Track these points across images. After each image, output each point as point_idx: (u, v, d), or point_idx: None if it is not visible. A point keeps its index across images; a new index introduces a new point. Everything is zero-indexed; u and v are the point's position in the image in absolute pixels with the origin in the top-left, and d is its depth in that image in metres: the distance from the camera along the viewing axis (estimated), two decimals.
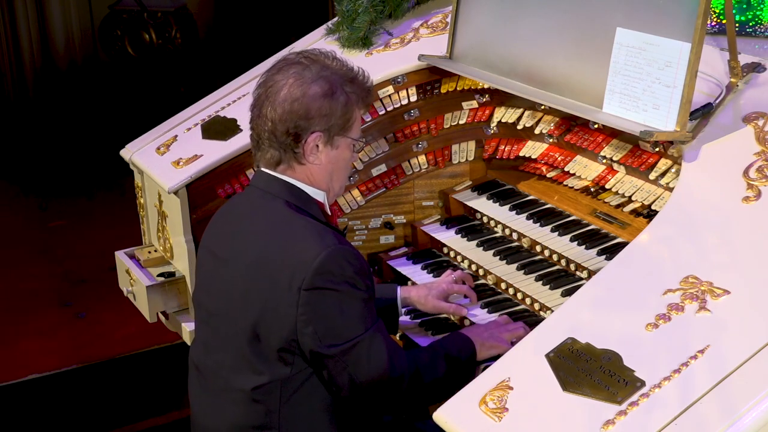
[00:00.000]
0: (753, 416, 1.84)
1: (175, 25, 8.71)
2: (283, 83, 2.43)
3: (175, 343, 4.70)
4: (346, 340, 2.34)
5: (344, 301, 2.35)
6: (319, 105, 2.42)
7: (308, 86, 2.42)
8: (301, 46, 3.64)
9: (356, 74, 2.52)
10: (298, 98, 2.41)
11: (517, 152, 3.23)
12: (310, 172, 2.49)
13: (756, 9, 2.97)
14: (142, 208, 3.55)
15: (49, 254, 6.21)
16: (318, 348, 2.34)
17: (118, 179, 6.74)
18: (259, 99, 2.48)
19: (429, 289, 2.87)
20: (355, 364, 2.35)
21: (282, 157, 2.47)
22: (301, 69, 2.45)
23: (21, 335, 5.22)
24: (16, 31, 8.70)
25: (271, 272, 2.36)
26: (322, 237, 2.37)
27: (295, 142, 2.44)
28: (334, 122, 2.45)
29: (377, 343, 2.36)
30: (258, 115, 2.47)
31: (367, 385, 2.37)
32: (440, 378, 2.44)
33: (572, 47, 2.78)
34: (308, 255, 2.33)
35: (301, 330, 2.34)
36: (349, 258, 2.37)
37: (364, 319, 2.37)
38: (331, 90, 2.44)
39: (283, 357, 2.38)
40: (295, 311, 2.33)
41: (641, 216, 2.81)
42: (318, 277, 2.31)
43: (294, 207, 2.45)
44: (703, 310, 2.08)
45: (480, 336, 2.59)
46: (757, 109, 2.52)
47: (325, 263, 2.32)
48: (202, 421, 2.58)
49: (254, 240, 2.44)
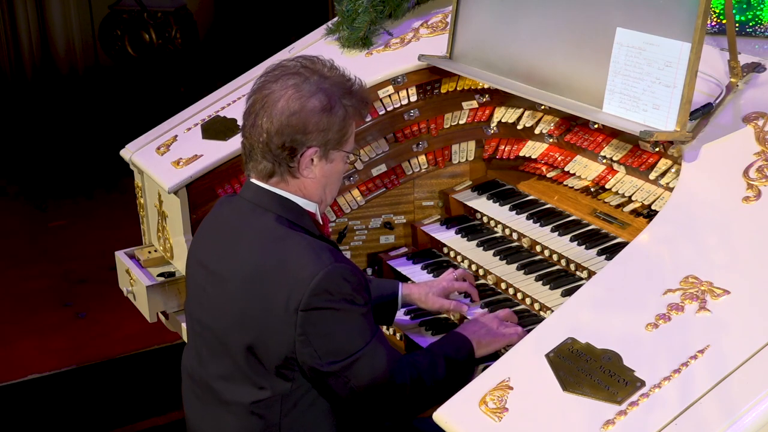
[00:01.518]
0: (753, 416, 1.84)
1: (175, 25, 8.72)
2: (280, 94, 2.36)
3: (175, 343, 4.70)
4: (347, 355, 2.31)
5: (343, 319, 2.31)
6: (317, 120, 2.36)
7: (307, 100, 2.35)
8: (301, 46, 3.64)
9: (354, 85, 2.45)
10: (296, 112, 2.35)
11: (517, 152, 3.23)
12: (303, 185, 2.43)
13: (756, 9, 2.97)
14: (142, 208, 3.55)
15: (49, 254, 6.20)
16: (319, 366, 2.31)
17: (118, 179, 6.76)
18: (254, 107, 2.40)
19: (429, 287, 2.86)
20: (357, 378, 2.32)
21: (275, 170, 2.41)
22: (300, 80, 2.37)
23: (21, 335, 5.22)
24: (16, 32, 8.71)
25: (266, 292, 2.31)
26: (318, 255, 2.31)
27: (290, 156, 2.38)
28: (331, 137, 2.39)
29: (379, 355, 2.34)
30: (252, 125, 2.40)
31: (371, 395, 2.35)
32: (441, 380, 2.42)
33: (572, 47, 2.78)
34: (304, 274, 2.27)
35: (299, 350, 2.30)
36: (347, 275, 2.31)
37: (364, 333, 2.34)
38: (329, 104, 2.37)
39: (282, 373, 2.35)
40: (293, 331, 2.29)
41: (641, 216, 2.81)
42: (315, 298, 2.27)
43: (286, 222, 2.39)
44: (703, 310, 2.08)
45: (476, 334, 2.58)
46: (757, 109, 2.52)
47: (322, 283, 2.27)
48: (198, 431, 2.57)
49: (248, 257, 2.38)
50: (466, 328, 2.63)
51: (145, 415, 4.54)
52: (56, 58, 8.91)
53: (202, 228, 2.59)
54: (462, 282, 2.90)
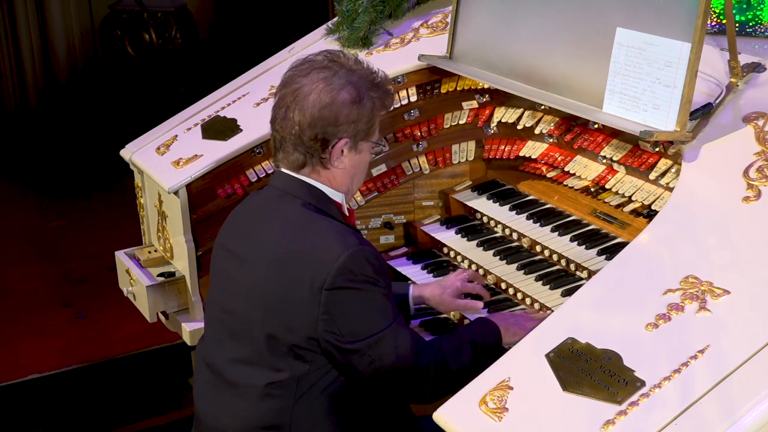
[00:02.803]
0: (753, 416, 1.84)
1: (175, 25, 8.71)
2: (311, 87, 2.44)
3: (175, 343, 4.69)
4: (371, 334, 2.35)
5: (367, 298, 2.37)
6: (348, 112, 2.44)
7: (337, 93, 2.43)
8: (301, 46, 3.64)
9: (379, 78, 2.54)
10: (328, 105, 2.42)
11: (517, 152, 3.23)
12: (333, 175, 2.51)
13: (756, 9, 2.97)
14: (142, 208, 3.55)
15: (49, 254, 6.20)
16: (342, 344, 2.35)
17: (118, 179, 6.75)
18: (284, 100, 2.48)
19: (443, 288, 2.87)
20: (382, 357, 2.36)
21: (307, 161, 2.48)
22: (329, 74, 2.45)
23: (21, 335, 5.22)
24: (16, 32, 8.70)
25: (291, 272, 2.37)
26: (343, 237, 2.39)
27: (322, 148, 2.46)
28: (360, 128, 2.47)
29: (402, 335, 2.38)
30: (284, 117, 2.47)
31: (394, 376, 2.39)
32: (467, 365, 2.45)
33: (572, 47, 2.78)
34: (330, 255, 2.34)
35: (322, 329, 2.35)
36: (370, 258, 2.38)
37: (386, 314, 2.39)
38: (359, 97, 2.45)
39: (301, 354, 2.39)
40: (316, 310, 2.34)
41: (641, 216, 2.81)
42: (340, 277, 2.33)
43: (313, 207, 2.47)
44: (703, 310, 2.08)
45: (506, 321, 2.61)
46: (757, 109, 2.52)
47: (347, 263, 2.33)
48: (209, 422, 2.57)
49: (274, 240, 2.45)
50: (495, 315, 2.68)
51: (145, 415, 4.54)
52: (56, 58, 8.90)
53: (231, 217, 2.65)
54: (473, 283, 2.91)
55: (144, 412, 4.56)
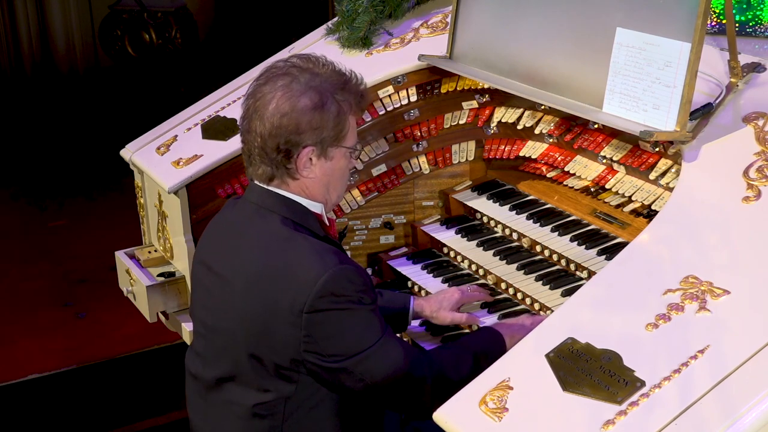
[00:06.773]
0: (753, 416, 1.84)
1: (175, 25, 8.72)
2: (271, 96, 2.35)
3: (175, 343, 4.70)
4: (357, 352, 2.29)
5: (349, 319, 2.29)
6: (309, 118, 2.34)
7: (297, 99, 2.33)
8: (301, 46, 3.64)
9: (348, 80, 2.43)
10: (287, 113, 2.33)
11: (517, 152, 3.23)
12: (305, 185, 2.42)
13: (756, 9, 2.97)
14: (142, 208, 3.55)
15: (49, 254, 6.21)
16: (328, 364, 2.29)
17: (118, 179, 6.75)
18: (248, 112, 2.40)
19: (440, 303, 2.80)
20: (372, 373, 2.30)
21: (274, 173, 2.40)
22: (289, 81, 2.36)
23: (21, 335, 5.22)
24: (16, 32, 8.71)
25: (271, 294, 2.30)
26: (322, 257, 2.30)
27: (286, 158, 2.36)
28: (326, 134, 2.37)
29: (391, 348, 2.32)
30: (247, 130, 2.39)
31: (388, 389, 2.33)
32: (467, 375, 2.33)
33: (572, 47, 2.78)
34: (309, 277, 2.26)
35: (305, 351, 2.29)
36: (351, 277, 2.30)
37: (373, 330, 2.32)
38: (321, 101, 2.35)
39: (286, 375, 2.34)
40: (298, 333, 2.27)
41: (641, 216, 2.81)
42: (320, 300, 2.26)
43: (291, 223, 2.38)
44: (703, 310, 2.08)
45: (510, 328, 2.57)
46: (757, 109, 2.52)
47: (328, 285, 2.26)
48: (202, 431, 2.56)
49: (253, 259, 2.36)
50: (501, 324, 2.63)
51: (145, 415, 4.54)
52: (56, 57, 8.91)
53: (208, 230, 2.58)
54: (475, 293, 2.87)
55: (144, 412, 4.56)
